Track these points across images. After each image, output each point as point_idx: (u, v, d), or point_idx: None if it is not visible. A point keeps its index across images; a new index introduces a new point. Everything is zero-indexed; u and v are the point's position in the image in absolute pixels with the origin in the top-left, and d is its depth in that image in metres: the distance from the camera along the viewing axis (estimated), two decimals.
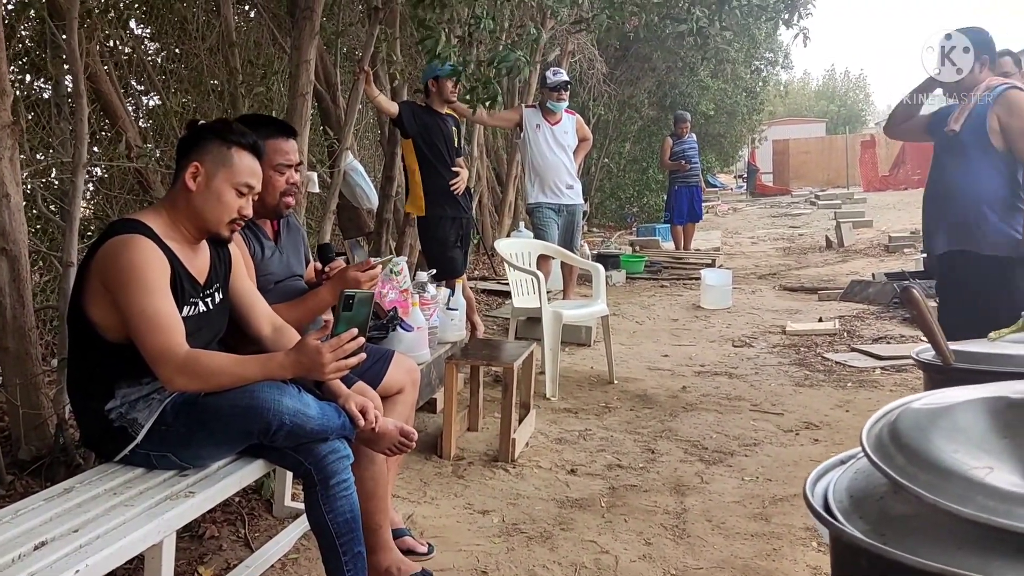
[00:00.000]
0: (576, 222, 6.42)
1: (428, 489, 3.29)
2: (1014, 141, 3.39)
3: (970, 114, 3.47)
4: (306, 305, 2.53)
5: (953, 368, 1.63)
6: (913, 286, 1.66)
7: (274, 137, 2.51)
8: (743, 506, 3.15)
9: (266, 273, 2.57)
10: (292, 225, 2.78)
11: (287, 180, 2.56)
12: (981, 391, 0.99)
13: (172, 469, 2.06)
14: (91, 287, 2.03)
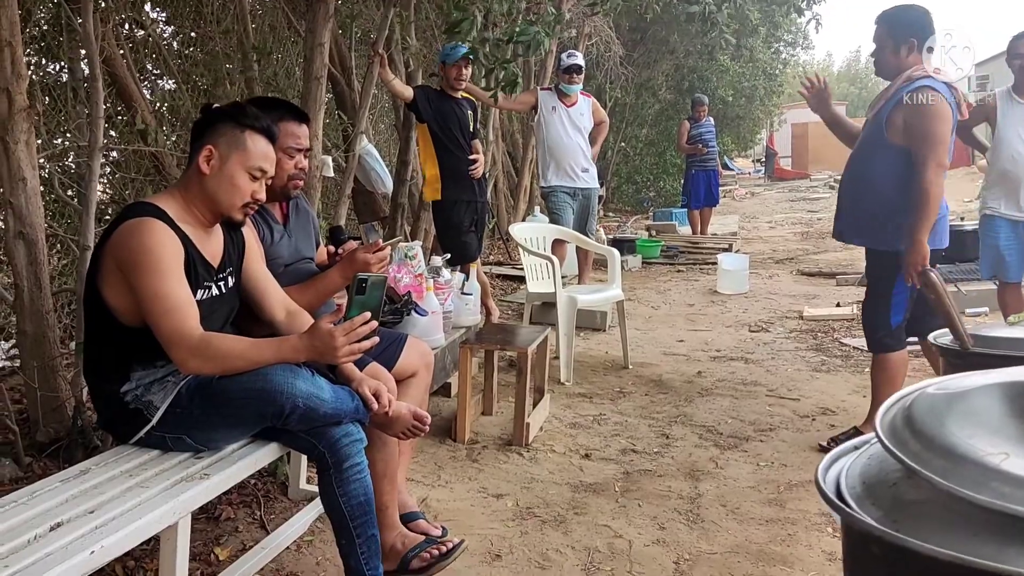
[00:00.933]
0: (591, 206, 6.39)
1: (442, 473, 3.30)
2: (914, 143, 3.20)
3: (884, 104, 3.33)
4: (316, 287, 2.53)
5: (971, 353, 1.61)
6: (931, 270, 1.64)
7: (286, 120, 2.51)
8: (758, 491, 3.13)
9: (275, 257, 2.57)
10: (301, 208, 2.78)
11: (296, 164, 2.56)
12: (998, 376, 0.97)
13: (187, 451, 2.08)
14: (106, 270, 2.04)
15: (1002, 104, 4.53)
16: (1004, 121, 4.51)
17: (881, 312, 3.43)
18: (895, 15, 3.37)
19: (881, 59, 3.38)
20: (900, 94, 3.27)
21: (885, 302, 3.41)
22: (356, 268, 2.50)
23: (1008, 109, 4.50)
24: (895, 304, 3.39)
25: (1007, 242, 4.59)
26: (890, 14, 3.38)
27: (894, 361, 3.46)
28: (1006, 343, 1.59)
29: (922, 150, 3.18)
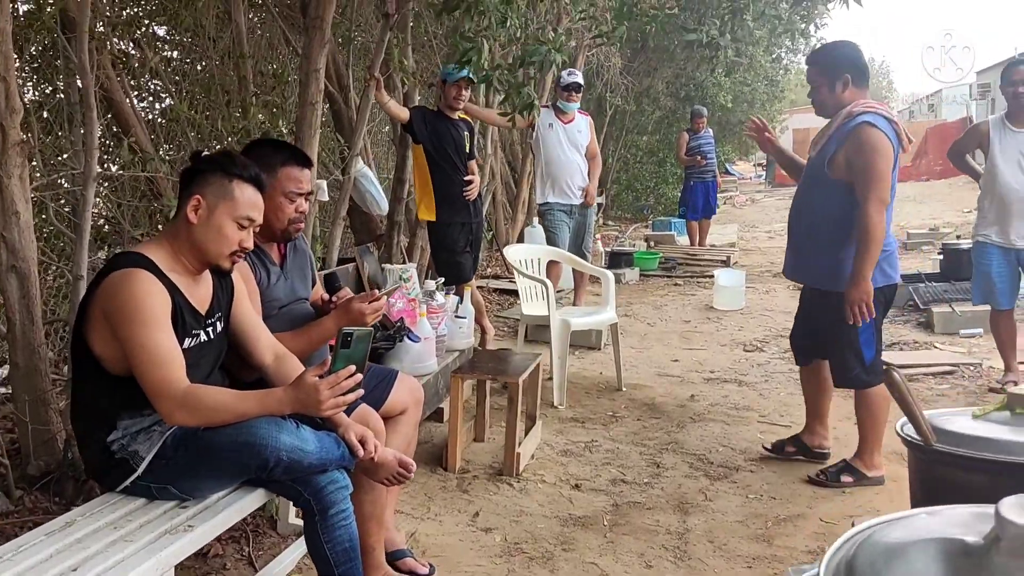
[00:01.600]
0: (588, 223, 6.41)
1: (432, 504, 3.31)
2: (856, 178, 3.21)
3: (826, 141, 3.33)
4: (310, 335, 2.54)
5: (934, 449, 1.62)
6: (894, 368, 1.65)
7: (289, 164, 2.53)
8: (746, 526, 3.15)
9: (271, 299, 2.58)
10: (299, 248, 2.79)
11: (297, 208, 2.57)
12: (941, 526, 0.98)
13: (173, 500, 2.09)
14: (93, 320, 2.05)
15: (995, 132, 4.55)
16: (997, 149, 4.52)
17: (850, 353, 3.41)
18: (824, 53, 3.42)
19: (817, 99, 3.38)
20: (843, 130, 3.28)
21: (853, 343, 3.38)
22: (352, 318, 2.51)
23: (1001, 137, 4.52)
24: (864, 342, 3.39)
25: (999, 269, 4.61)
26: (819, 53, 3.44)
27: (876, 395, 3.46)
28: (968, 441, 1.60)
29: (863, 185, 3.18)
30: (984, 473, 1.55)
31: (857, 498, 3.36)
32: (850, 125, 3.24)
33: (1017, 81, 4.44)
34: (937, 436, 1.63)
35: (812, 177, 3.41)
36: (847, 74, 3.30)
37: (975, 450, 1.58)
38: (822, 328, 3.50)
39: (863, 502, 3.31)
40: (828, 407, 3.79)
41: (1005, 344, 4.75)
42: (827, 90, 3.33)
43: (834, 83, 3.31)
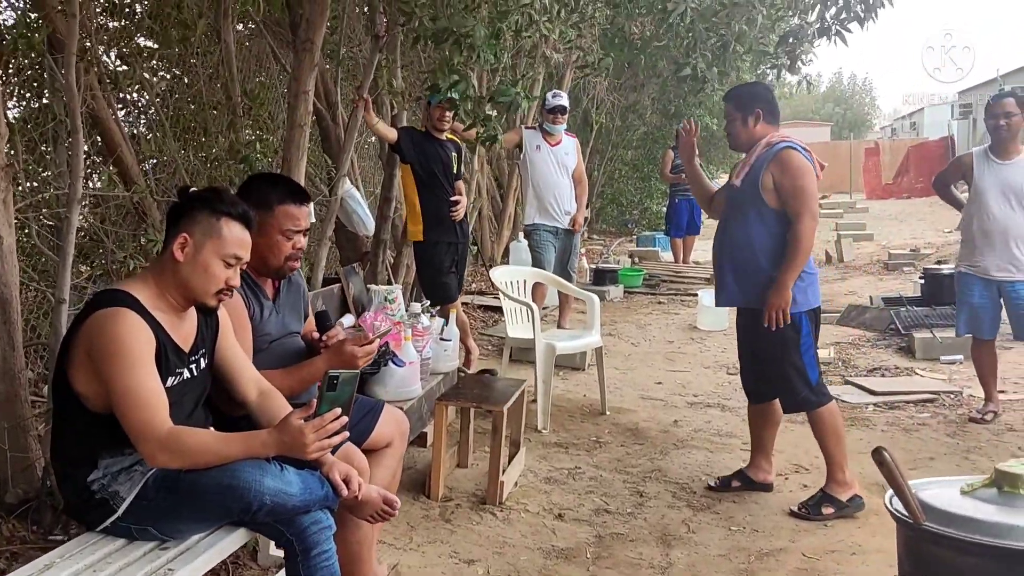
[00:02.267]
0: (574, 244, 6.42)
1: (415, 535, 3.30)
2: (787, 200, 3.41)
3: (750, 170, 3.50)
4: (301, 374, 2.52)
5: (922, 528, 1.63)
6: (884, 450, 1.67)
7: (287, 202, 2.52)
8: (728, 560, 3.15)
9: (263, 333, 2.57)
10: (294, 282, 2.78)
11: (294, 245, 2.56)
12: None
13: (153, 541, 2.07)
14: (76, 358, 2.03)
15: (979, 164, 4.59)
16: (980, 182, 4.57)
17: (794, 376, 3.51)
18: (738, 92, 3.66)
19: (733, 132, 3.60)
20: (765, 158, 3.45)
21: (796, 364, 3.50)
22: (343, 360, 2.51)
23: (984, 170, 4.56)
24: (807, 363, 3.51)
25: (981, 300, 4.65)
26: (734, 92, 3.67)
27: (828, 414, 3.56)
28: (958, 522, 1.61)
29: (795, 205, 3.40)
30: (973, 556, 1.56)
31: (839, 531, 3.37)
32: (771, 152, 3.46)
33: (999, 114, 4.49)
34: (926, 513, 1.64)
35: (743, 204, 3.54)
36: (759, 109, 3.52)
37: (964, 531, 1.59)
38: (766, 352, 3.55)
39: (844, 536, 3.33)
40: (773, 442, 3.88)
41: (986, 374, 4.79)
42: (740, 124, 3.55)
43: (747, 118, 3.53)
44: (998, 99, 4.61)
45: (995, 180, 4.52)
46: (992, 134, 4.58)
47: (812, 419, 3.59)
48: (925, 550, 1.65)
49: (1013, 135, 4.51)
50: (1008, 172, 4.50)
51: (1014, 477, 1.67)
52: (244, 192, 2.56)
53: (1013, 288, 4.52)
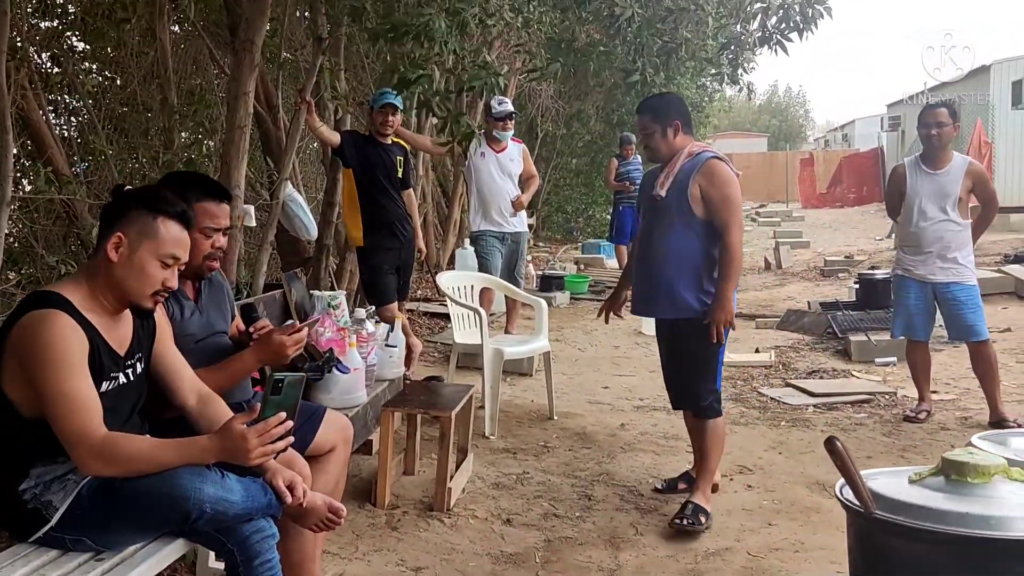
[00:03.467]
0: (520, 250, 6.42)
1: (360, 543, 3.23)
2: (715, 210, 3.42)
3: (674, 180, 3.48)
4: (230, 369, 2.46)
5: (873, 516, 1.66)
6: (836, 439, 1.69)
7: (204, 200, 2.44)
8: (676, 561, 3.16)
9: (186, 334, 2.48)
10: (215, 281, 2.70)
11: (213, 244, 2.49)
12: None
13: (88, 552, 1.99)
14: (6, 363, 1.94)
15: (911, 173, 4.73)
16: (912, 191, 4.70)
17: (707, 379, 3.57)
18: (655, 103, 3.62)
19: (651, 144, 3.55)
20: (692, 169, 3.44)
21: (711, 369, 3.57)
22: (272, 350, 2.45)
23: (916, 179, 4.70)
24: (719, 372, 3.63)
25: (916, 302, 4.77)
26: (650, 103, 3.63)
27: (722, 424, 3.66)
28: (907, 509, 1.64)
29: (724, 215, 3.42)
30: (924, 543, 1.59)
31: (782, 530, 3.41)
32: (697, 162, 3.46)
33: (931, 123, 4.62)
34: (876, 502, 1.66)
35: (667, 215, 3.50)
36: (677, 120, 3.51)
37: (913, 518, 1.62)
38: (686, 360, 3.59)
39: (787, 534, 3.37)
40: None
41: (919, 375, 4.92)
42: (660, 136, 3.50)
43: (666, 129, 3.49)
44: (931, 108, 4.75)
45: (927, 189, 4.65)
46: (924, 143, 4.72)
47: (703, 428, 3.60)
48: (876, 539, 1.67)
49: (944, 144, 4.63)
50: (939, 181, 4.63)
51: (960, 465, 1.71)
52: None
53: (948, 289, 4.65)
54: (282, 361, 2.50)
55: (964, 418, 4.86)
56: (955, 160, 4.66)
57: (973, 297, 4.65)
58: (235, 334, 2.74)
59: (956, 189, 4.59)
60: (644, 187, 3.69)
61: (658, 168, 3.61)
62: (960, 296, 4.63)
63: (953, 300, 4.65)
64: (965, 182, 4.59)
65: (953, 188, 4.60)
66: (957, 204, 4.60)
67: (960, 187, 4.59)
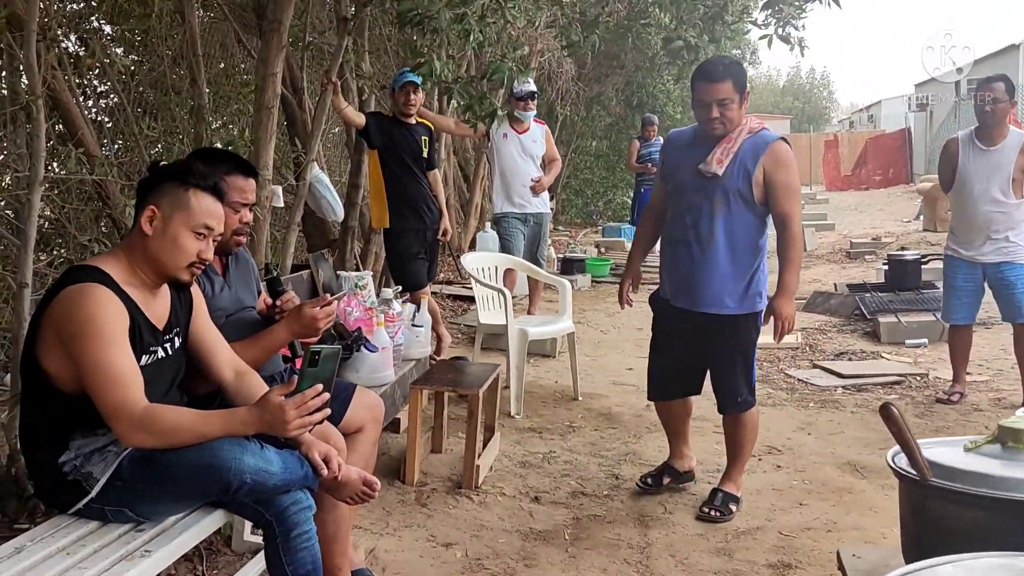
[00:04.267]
0: (543, 231, 6.40)
1: (391, 519, 3.26)
2: (778, 197, 3.15)
3: (735, 158, 3.15)
4: (261, 344, 2.47)
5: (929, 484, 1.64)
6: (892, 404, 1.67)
7: (233, 175, 2.46)
8: (706, 539, 3.16)
9: (217, 309, 2.50)
10: (241, 257, 2.73)
11: (240, 219, 2.51)
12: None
13: (128, 523, 2.01)
14: (45, 336, 1.96)
15: (964, 149, 4.58)
16: (965, 168, 4.55)
17: (745, 375, 3.36)
18: (737, 67, 3.21)
19: (727, 115, 3.13)
20: (755, 148, 3.16)
21: (749, 364, 3.37)
22: (303, 323, 2.46)
23: (970, 155, 4.54)
24: (754, 364, 3.43)
25: (964, 283, 4.66)
26: (731, 68, 3.18)
27: (755, 416, 3.47)
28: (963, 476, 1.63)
29: (787, 203, 3.17)
30: (979, 509, 1.57)
31: (814, 510, 3.40)
32: (762, 142, 3.17)
33: (987, 98, 4.46)
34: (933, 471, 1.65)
35: (724, 196, 3.18)
36: (748, 89, 3.22)
37: (970, 485, 1.60)
38: (723, 357, 3.35)
39: (819, 514, 3.35)
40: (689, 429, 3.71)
41: (958, 356, 4.81)
42: (736, 106, 3.14)
43: (742, 100, 3.16)
44: (987, 82, 4.57)
45: (979, 165, 4.50)
46: (978, 118, 4.56)
47: (739, 420, 3.41)
48: (932, 507, 1.65)
49: (999, 120, 4.46)
50: (992, 157, 4.47)
51: (1017, 432, 1.68)
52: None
53: (998, 270, 4.52)
54: (314, 334, 2.51)
55: (997, 399, 4.81)
56: (1010, 136, 4.47)
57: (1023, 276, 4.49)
58: (263, 309, 2.75)
59: (1010, 167, 4.42)
60: (679, 158, 3.29)
61: (696, 138, 3.27)
62: (1010, 276, 4.49)
63: (1003, 280, 4.52)
64: (1020, 160, 4.41)
65: (1007, 166, 4.43)
66: (1011, 182, 4.43)
67: (1014, 165, 4.42)
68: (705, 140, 3.23)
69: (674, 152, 3.37)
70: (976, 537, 1.29)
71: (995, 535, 1.31)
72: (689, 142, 3.32)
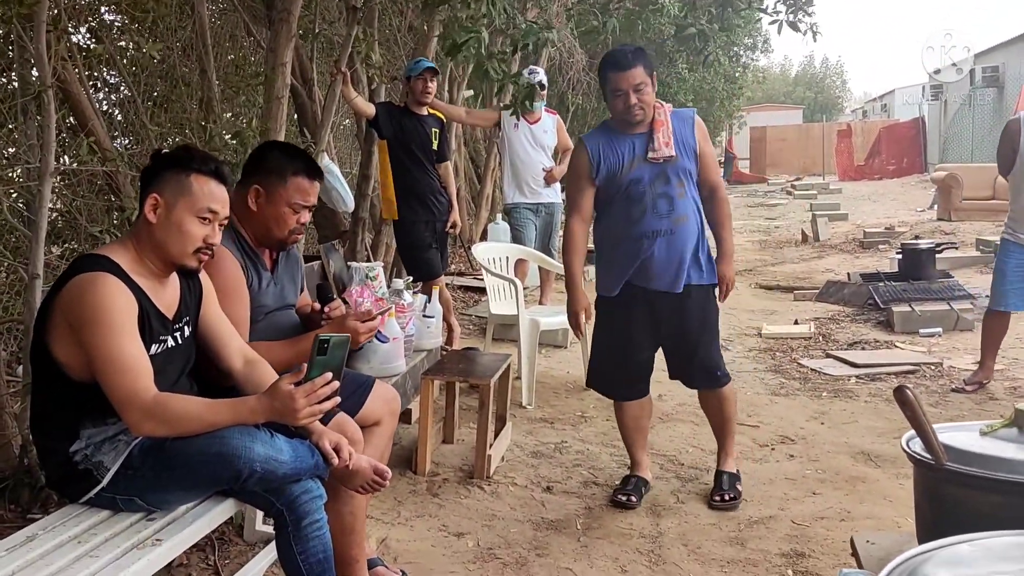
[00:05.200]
0: (555, 222, 6.38)
1: (402, 509, 3.26)
2: (710, 166, 3.31)
3: (676, 138, 3.17)
4: (299, 347, 2.45)
5: (945, 468, 1.62)
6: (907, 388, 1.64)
7: (300, 175, 2.47)
8: (719, 529, 3.14)
9: (259, 304, 2.51)
10: (292, 254, 2.73)
11: (299, 219, 2.51)
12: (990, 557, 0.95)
13: (139, 512, 2.01)
14: (55, 325, 1.96)
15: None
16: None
17: (717, 347, 3.42)
18: (642, 53, 3.19)
19: (644, 100, 3.11)
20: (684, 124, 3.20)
21: (716, 338, 3.42)
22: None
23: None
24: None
25: (1016, 268, 4.52)
26: (638, 53, 3.17)
27: (731, 389, 3.47)
28: (979, 460, 1.60)
29: (716, 170, 3.39)
30: (996, 493, 1.55)
31: (827, 499, 3.38)
32: (687, 117, 3.25)
33: None
34: (947, 454, 1.62)
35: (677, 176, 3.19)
36: (655, 72, 3.23)
37: (986, 469, 1.58)
38: (697, 331, 3.31)
39: (833, 503, 3.33)
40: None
41: (990, 343, 4.70)
42: (650, 89, 3.13)
43: (653, 82, 3.16)
44: None
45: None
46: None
47: (722, 396, 3.41)
48: (948, 492, 1.63)
49: None
50: None
51: None
52: (258, 159, 2.53)
53: None
54: (353, 347, 2.51)
55: (1013, 388, 4.76)
56: None
57: None
58: (303, 309, 2.76)
59: None
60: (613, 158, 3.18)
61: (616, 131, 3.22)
62: None
63: None
64: None
65: None
66: None
67: None
68: (627, 129, 3.20)
69: (602, 153, 3.22)
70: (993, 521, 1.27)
71: (1012, 519, 1.29)
72: (612, 138, 3.24)
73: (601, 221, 3.40)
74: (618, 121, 3.22)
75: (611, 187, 3.23)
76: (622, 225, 3.25)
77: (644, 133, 3.18)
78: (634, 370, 3.44)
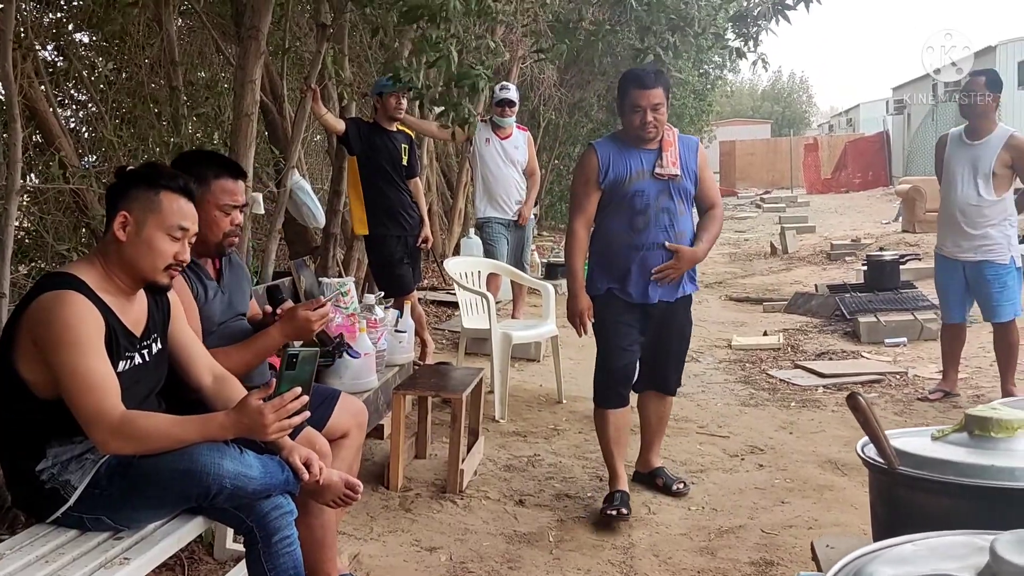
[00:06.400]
0: (527, 236, 6.42)
1: (375, 524, 3.25)
2: (709, 189, 3.46)
3: (680, 159, 3.33)
4: (256, 347, 2.47)
5: (896, 472, 1.66)
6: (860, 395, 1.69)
7: (223, 177, 2.47)
8: (689, 539, 3.17)
9: (208, 315, 2.50)
10: (235, 263, 2.72)
11: (232, 221, 2.51)
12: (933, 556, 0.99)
13: (107, 531, 2.00)
14: (21, 343, 1.95)
15: (951, 145, 4.56)
16: (950, 163, 4.53)
17: (682, 360, 3.69)
18: (665, 76, 3.38)
19: (661, 119, 3.27)
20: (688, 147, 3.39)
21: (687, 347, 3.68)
22: (296, 326, 2.47)
23: (955, 150, 4.52)
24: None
25: (946, 281, 4.66)
26: (663, 76, 3.34)
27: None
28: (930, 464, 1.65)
29: (716, 191, 3.55)
30: (946, 496, 1.60)
31: (795, 507, 3.42)
32: (692, 144, 3.44)
33: (968, 92, 4.47)
34: (899, 459, 1.66)
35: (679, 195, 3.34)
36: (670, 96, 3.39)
37: (936, 473, 1.62)
38: (677, 340, 3.55)
39: (801, 511, 3.37)
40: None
41: (946, 356, 4.78)
42: (665, 110, 3.28)
43: (668, 105, 3.33)
44: (972, 76, 4.60)
45: (963, 160, 4.46)
46: (961, 112, 4.57)
47: (670, 401, 3.72)
48: (900, 495, 1.67)
49: (980, 114, 4.42)
50: (974, 152, 4.42)
51: (984, 421, 1.70)
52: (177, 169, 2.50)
53: (976, 267, 4.47)
54: (307, 336, 2.52)
55: (977, 396, 4.85)
56: (996, 132, 4.40)
57: (1001, 276, 4.42)
58: (254, 317, 2.75)
59: (990, 162, 4.36)
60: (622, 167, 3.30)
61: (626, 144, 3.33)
62: (988, 275, 4.43)
63: (980, 279, 4.46)
64: (1003, 155, 4.34)
65: (987, 160, 4.36)
66: (991, 178, 4.36)
67: (995, 160, 4.34)
68: (637, 144, 3.33)
69: (611, 160, 3.33)
70: (943, 522, 1.31)
71: (961, 521, 1.33)
72: (622, 149, 3.36)
73: (600, 227, 3.49)
74: (630, 136, 3.35)
75: (615, 195, 3.35)
76: (626, 233, 3.36)
77: (653, 150, 3.33)
78: (622, 373, 3.57)
